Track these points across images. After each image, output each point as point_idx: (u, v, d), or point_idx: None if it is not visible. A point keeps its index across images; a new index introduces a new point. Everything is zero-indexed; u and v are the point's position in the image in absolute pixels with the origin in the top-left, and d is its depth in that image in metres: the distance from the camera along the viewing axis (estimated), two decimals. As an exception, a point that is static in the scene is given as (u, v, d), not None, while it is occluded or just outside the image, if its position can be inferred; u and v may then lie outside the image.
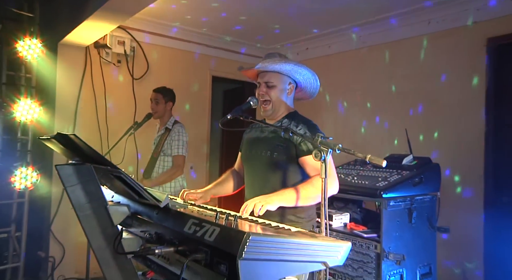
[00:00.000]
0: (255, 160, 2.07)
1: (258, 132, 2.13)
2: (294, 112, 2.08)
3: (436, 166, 2.94)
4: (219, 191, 2.22)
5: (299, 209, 1.93)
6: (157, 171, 3.56)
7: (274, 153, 1.96)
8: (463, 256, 3.42)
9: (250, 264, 0.94)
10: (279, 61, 1.96)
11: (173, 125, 3.60)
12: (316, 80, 2.07)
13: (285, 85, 2.03)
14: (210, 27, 4.57)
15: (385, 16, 3.96)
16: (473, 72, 3.45)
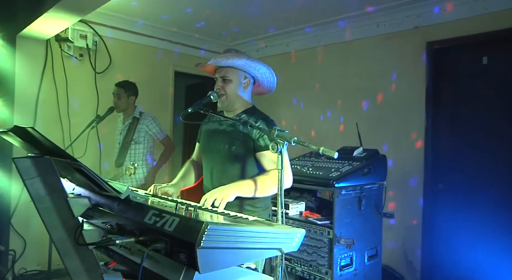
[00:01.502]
0: (213, 152, 2.05)
1: (217, 125, 2.11)
2: (253, 108, 2.08)
3: (383, 157, 3.05)
4: (186, 183, 2.19)
5: (255, 200, 1.94)
6: (129, 159, 3.49)
7: (232, 146, 1.96)
8: (405, 238, 3.58)
9: (209, 252, 0.94)
10: (231, 56, 1.96)
11: (141, 114, 3.55)
12: (272, 75, 2.07)
13: (241, 79, 2.02)
14: (173, 23, 4.47)
15: (340, 17, 4.03)
16: (415, 72, 3.60)
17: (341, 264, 2.64)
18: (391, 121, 3.75)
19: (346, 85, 4.16)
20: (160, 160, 3.66)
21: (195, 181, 2.26)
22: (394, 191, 3.55)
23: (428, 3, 3.45)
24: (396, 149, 3.66)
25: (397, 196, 3.56)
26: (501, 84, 3.14)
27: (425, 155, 3.50)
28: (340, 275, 2.63)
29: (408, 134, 3.62)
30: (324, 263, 2.65)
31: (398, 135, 3.69)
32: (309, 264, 2.74)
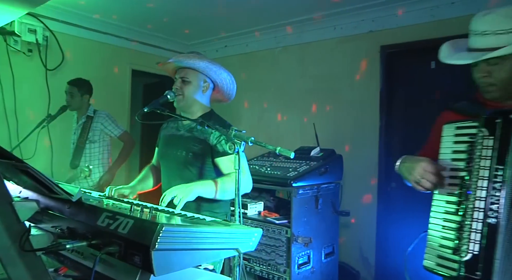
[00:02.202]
0: (171, 159, 2.03)
1: (174, 130, 2.09)
2: (211, 112, 2.07)
3: (339, 157, 3.14)
4: (143, 187, 2.15)
5: (215, 205, 1.93)
6: (85, 159, 3.36)
7: (190, 152, 1.94)
8: (361, 235, 3.71)
9: (164, 254, 0.92)
10: (193, 57, 1.94)
11: (95, 112, 3.43)
12: (232, 82, 2.08)
13: (200, 82, 2.01)
14: (131, 20, 4.35)
15: (298, 19, 4.10)
16: (370, 74, 3.73)
17: (299, 262, 2.70)
18: (348, 122, 3.87)
19: (304, 86, 4.24)
20: (120, 156, 3.53)
21: (154, 186, 2.22)
22: (350, 190, 3.67)
23: (382, 8, 3.59)
24: (352, 149, 3.78)
25: (353, 194, 3.68)
26: (448, 87, 3.33)
27: (379, 155, 3.64)
28: (298, 273, 2.68)
29: (364, 135, 3.75)
30: (282, 262, 2.69)
31: (354, 136, 3.81)
32: (267, 263, 2.77)
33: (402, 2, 3.43)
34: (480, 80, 1.42)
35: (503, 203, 1.15)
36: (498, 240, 1.14)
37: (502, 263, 1.13)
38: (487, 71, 1.39)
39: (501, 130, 1.18)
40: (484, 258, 1.16)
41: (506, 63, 1.35)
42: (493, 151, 1.19)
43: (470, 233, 1.19)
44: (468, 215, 1.21)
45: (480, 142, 1.22)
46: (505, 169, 1.16)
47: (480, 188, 1.20)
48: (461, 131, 1.31)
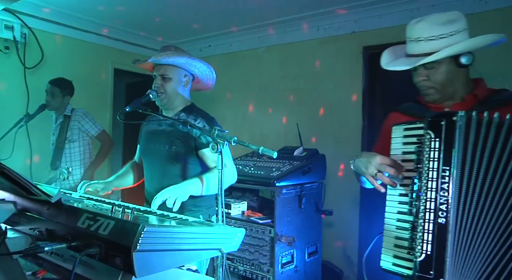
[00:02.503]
0: (153, 154, 2.01)
1: (156, 125, 2.07)
2: (192, 105, 2.06)
3: (322, 156, 3.16)
4: (121, 183, 2.12)
5: (198, 199, 1.92)
6: (65, 160, 3.30)
7: (172, 146, 1.93)
8: (344, 233, 3.74)
9: (145, 255, 0.92)
10: (172, 54, 1.93)
11: (72, 111, 3.36)
12: (212, 72, 2.08)
13: (181, 77, 2.00)
14: (114, 18, 4.29)
15: (281, 20, 4.11)
16: (353, 75, 3.77)
17: (282, 262, 2.71)
18: (331, 122, 3.90)
19: (287, 86, 4.26)
20: (98, 157, 3.48)
21: (134, 183, 2.20)
22: (333, 189, 3.70)
23: (365, 9, 3.63)
24: (336, 148, 3.81)
25: (336, 193, 3.72)
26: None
27: (362, 154, 3.68)
28: (282, 272, 2.70)
29: (347, 134, 3.79)
30: (266, 261, 2.69)
31: (337, 135, 3.84)
32: (251, 263, 2.77)
33: (384, 3, 3.48)
34: (419, 84, 1.50)
35: (451, 203, 1.19)
36: (448, 239, 1.17)
37: (452, 261, 1.17)
38: (425, 75, 1.46)
39: (445, 132, 1.22)
40: (436, 257, 1.19)
41: (441, 66, 1.43)
42: (439, 152, 1.23)
43: (423, 233, 1.22)
44: (420, 216, 1.24)
45: (427, 144, 1.25)
46: (451, 169, 1.19)
47: (430, 189, 1.23)
48: (409, 133, 1.34)
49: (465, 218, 1.18)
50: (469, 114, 1.21)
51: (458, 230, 1.18)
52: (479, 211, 1.17)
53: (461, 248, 1.18)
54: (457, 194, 1.19)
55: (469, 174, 1.19)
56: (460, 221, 1.18)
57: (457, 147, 1.20)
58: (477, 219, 1.17)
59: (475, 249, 1.17)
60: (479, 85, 1.51)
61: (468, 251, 1.17)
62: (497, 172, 1.16)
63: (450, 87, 1.46)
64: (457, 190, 1.19)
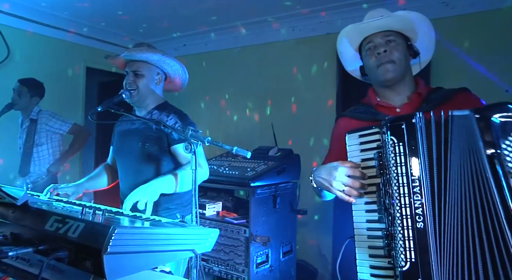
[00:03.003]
0: (126, 153, 1.97)
1: (129, 124, 2.04)
2: (165, 103, 2.03)
3: (297, 156, 3.19)
4: (93, 185, 2.06)
5: (174, 196, 1.89)
6: (34, 164, 3.19)
7: (145, 143, 1.89)
8: (318, 232, 3.79)
9: (116, 257, 0.90)
10: (146, 50, 1.90)
11: (39, 114, 3.24)
12: (185, 72, 2.06)
13: (154, 75, 1.97)
14: (86, 15, 4.18)
15: (257, 20, 4.12)
16: (327, 76, 3.82)
17: (257, 262, 2.71)
18: (305, 122, 3.94)
19: (263, 86, 4.27)
20: (72, 146, 3.35)
21: (108, 184, 2.15)
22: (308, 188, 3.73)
23: (339, 11, 3.69)
24: (311, 149, 3.85)
25: (310, 193, 3.75)
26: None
27: (335, 154, 3.73)
28: (257, 272, 2.70)
29: (321, 135, 3.83)
30: (241, 262, 2.69)
31: (312, 135, 3.89)
32: (226, 263, 2.76)
33: (357, 6, 3.54)
34: (380, 57, 1.48)
35: (426, 206, 1.16)
36: (429, 244, 1.15)
37: (438, 265, 1.14)
38: (387, 46, 1.47)
39: (407, 135, 1.20)
40: (421, 264, 1.16)
41: (400, 45, 1.47)
42: (405, 156, 1.20)
43: (404, 241, 1.18)
44: (398, 223, 1.19)
45: (392, 150, 1.22)
46: (421, 172, 1.18)
47: (403, 194, 1.19)
48: (365, 139, 1.31)
49: (442, 219, 1.15)
50: (426, 115, 1.20)
51: (437, 232, 1.15)
52: (453, 209, 1.15)
53: (443, 250, 1.15)
54: (430, 196, 1.17)
55: (438, 175, 1.17)
56: (438, 222, 1.16)
57: (420, 149, 1.18)
58: (452, 217, 1.15)
59: (455, 247, 1.13)
60: (420, 84, 1.54)
61: (450, 251, 1.14)
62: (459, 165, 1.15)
63: (403, 69, 1.48)
64: (429, 192, 1.17)
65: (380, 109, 1.54)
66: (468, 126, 1.13)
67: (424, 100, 1.46)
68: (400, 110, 1.51)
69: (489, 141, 1.09)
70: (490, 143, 1.08)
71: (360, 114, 1.59)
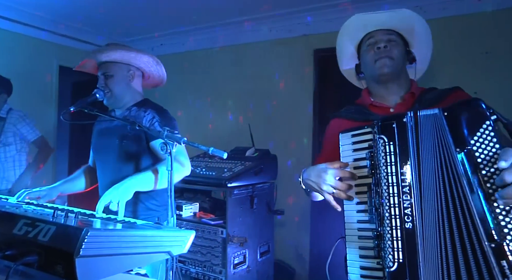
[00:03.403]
0: (104, 151, 1.93)
1: (108, 122, 1.99)
2: (144, 100, 2.00)
3: (274, 156, 3.20)
4: (69, 188, 1.99)
5: (153, 194, 1.86)
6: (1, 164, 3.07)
7: (123, 140, 1.85)
8: (296, 232, 3.81)
9: (89, 260, 0.88)
10: (106, 50, 1.86)
11: (9, 112, 3.13)
12: (158, 62, 2.01)
13: (124, 72, 1.93)
14: (58, 11, 4.06)
15: (234, 20, 4.11)
16: (304, 76, 3.86)
17: (234, 262, 2.71)
18: (283, 123, 3.96)
19: (240, 87, 4.27)
20: (34, 163, 3.24)
21: (87, 187, 2.08)
22: (286, 189, 3.76)
23: (315, 13, 3.73)
24: (288, 149, 3.87)
25: (287, 193, 3.78)
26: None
27: (313, 155, 3.77)
28: (234, 273, 2.70)
29: (298, 135, 3.87)
30: (218, 263, 2.68)
31: (289, 136, 3.91)
32: (203, 264, 2.75)
33: (333, 8, 3.58)
34: (378, 52, 1.49)
35: (415, 206, 1.16)
36: (418, 244, 1.13)
37: (425, 265, 1.13)
38: (387, 44, 1.48)
39: (398, 134, 1.20)
40: (409, 264, 1.14)
41: (399, 45, 1.50)
42: (395, 155, 1.19)
43: (393, 241, 1.16)
44: (387, 223, 1.18)
45: (382, 149, 1.21)
46: (409, 172, 1.18)
47: (392, 194, 1.18)
48: (358, 139, 1.31)
49: (430, 219, 1.14)
50: (416, 115, 1.20)
51: (424, 232, 1.14)
52: (431, 208, 1.14)
53: (430, 250, 1.13)
54: (418, 196, 1.16)
55: (423, 174, 1.16)
56: (426, 222, 1.14)
57: (411, 148, 1.18)
58: (430, 216, 1.14)
59: (435, 247, 1.12)
60: (413, 85, 1.56)
61: (432, 251, 1.13)
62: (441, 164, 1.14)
63: (400, 68, 1.50)
64: (418, 191, 1.16)
65: (373, 110, 1.54)
66: (438, 125, 1.14)
67: (417, 100, 1.47)
68: (394, 110, 1.51)
69: (458, 138, 1.10)
70: (459, 140, 1.09)
71: (352, 114, 1.57)
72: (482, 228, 1.04)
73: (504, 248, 1.00)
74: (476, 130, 1.07)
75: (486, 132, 1.06)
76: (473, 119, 1.08)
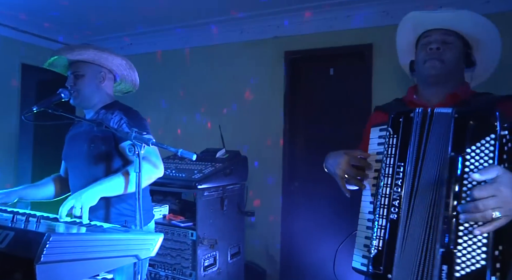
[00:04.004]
0: (74, 156, 1.86)
1: (78, 128, 1.94)
2: (114, 102, 1.94)
3: (244, 158, 3.21)
4: (32, 194, 1.90)
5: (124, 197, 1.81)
6: None
7: (92, 144, 1.78)
8: (267, 233, 3.83)
9: (51, 267, 0.85)
10: (78, 48, 1.80)
11: None
12: (130, 66, 1.96)
13: (95, 73, 1.87)
14: (21, 7, 3.90)
15: (206, 21, 4.08)
16: (275, 78, 3.88)
17: (204, 265, 2.69)
18: (254, 124, 3.97)
19: (212, 88, 4.24)
20: None
21: (56, 196, 1.99)
22: (256, 190, 3.77)
23: (286, 15, 3.76)
24: (258, 150, 3.88)
25: (259, 194, 3.79)
26: (344, 93, 3.61)
27: (283, 156, 3.80)
28: (204, 275, 2.68)
29: (269, 137, 3.88)
30: (188, 265, 2.66)
31: (260, 138, 3.92)
32: (173, 267, 2.71)
33: (304, 11, 3.63)
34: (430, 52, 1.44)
35: (403, 198, 1.19)
36: (398, 235, 1.18)
37: (400, 256, 1.17)
38: (440, 43, 1.43)
39: (402, 128, 1.23)
40: (386, 253, 1.19)
41: (455, 47, 1.44)
42: (395, 148, 1.23)
43: (378, 229, 1.22)
44: (376, 212, 1.24)
45: (387, 141, 1.26)
46: (405, 165, 1.21)
47: (385, 185, 1.23)
48: (382, 133, 1.33)
49: (416, 213, 1.17)
50: (426, 111, 1.21)
51: (406, 225, 1.18)
52: (419, 204, 1.17)
53: (409, 242, 1.17)
54: (409, 189, 1.18)
55: (420, 169, 1.18)
56: (410, 216, 1.17)
57: (412, 143, 1.20)
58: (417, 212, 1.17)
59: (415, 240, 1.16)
60: (463, 86, 1.50)
61: (409, 243, 1.17)
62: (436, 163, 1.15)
63: (452, 70, 1.44)
64: (410, 185, 1.18)
65: (411, 106, 1.46)
66: (446, 124, 1.15)
67: (461, 102, 1.41)
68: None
69: (457, 142, 1.10)
70: (457, 144, 1.10)
71: (390, 108, 1.54)
72: (441, 233, 1.09)
73: (453, 255, 1.05)
74: (477, 140, 1.06)
75: (487, 145, 1.05)
76: (479, 128, 1.07)
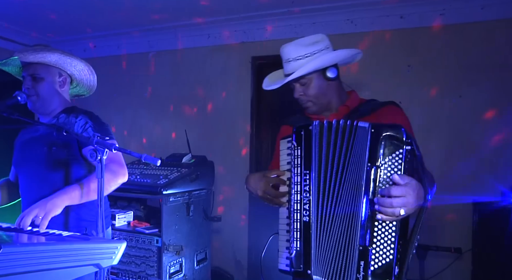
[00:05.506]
0: (29, 161, 1.76)
1: (32, 132, 1.84)
2: (73, 107, 1.87)
3: (211, 163, 3.18)
4: None
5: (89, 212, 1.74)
6: None
7: (52, 147, 1.70)
8: (234, 238, 3.81)
9: None
10: (41, 50, 1.72)
11: None
12: (92, 72, 1.90)
13: (55, 77, 1.81)
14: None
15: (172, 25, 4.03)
16: (242, 84, 3.89)
17: (170, 272, 2.64)
18: (221, 130, 3.95)
19: (178, 93, 4.19)
20: None
21: (4, 203, 1.88)
22: (224, 195, 3.74)
23: (253, 21, 3.78)
24: (225, 155, 3.87)
25: (225, 199, 3.77)
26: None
27: (250, 161, 3.80)
28: (170, 282, 2.63)
29: (236, 142, 3.88)
30: (153, 273, 2.60)
31: (227, 143, 3.91)
32: (137, 275, 2.64)
33: (270, 17, 3.66)
34: (299, 99, 1.67)
35: (312, 202, 1.35)
36: (311, 235, 1.33)
37: (316, 253, 1.32)
38: (302, 91, 1.63)
39: (304, 140, 1.39)
40: (303, 252, 1.34)
41: (312, 82, 1.60)
42: (300, 158, 1.39)
43: (294, 232, 1.37)
44: (291, 217, 1.39)
45: (293, 153, 1.41)
46: (310, 172, 1.36)
47: (296, 192, 1.38)
48: (289, 145, 1.48)
49: (323, 214, 1.32)
50: (322, 123, 1.38)
51: (318, 226, 1.33)
52: (332, 204, 1.32)
53: (320, 240, 1.32)
54: (316, 194, 1.34)
55: (324, 175, 1.34)
56: (320, 217, 1.33)
57: (313, 152, 1.36)
58: (331, 214, 1.32)
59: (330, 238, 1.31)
60: (351, 97, 1.69)
61: (325, 241, 1.31)
62: (343, 169, 1.32)
63: (324, 99, 1.63)
64: (316, 190, 1.34)
65: (313, 118, 1.65)
66: (363, 137, 1.28)
67: (352, 111, 1.61)
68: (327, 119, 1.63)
69: (372, 155, 1.24)
70: (373, 157, 1.24)
71: (295, 122, 1.67)
72: (360, 232, 1.24)
73: (368, 251, 1.22)
74: (389, 154, 1.23)
75: (396, 158, 1.23)
76: (390, 144, 1.23)
